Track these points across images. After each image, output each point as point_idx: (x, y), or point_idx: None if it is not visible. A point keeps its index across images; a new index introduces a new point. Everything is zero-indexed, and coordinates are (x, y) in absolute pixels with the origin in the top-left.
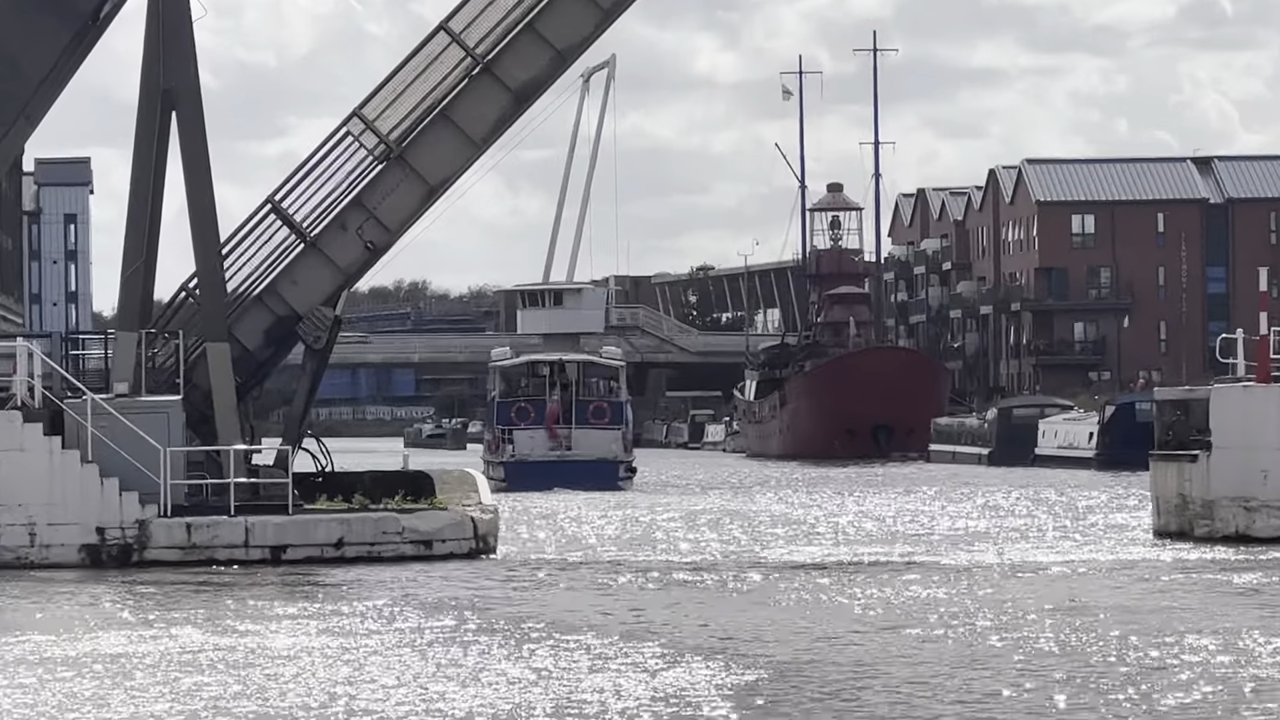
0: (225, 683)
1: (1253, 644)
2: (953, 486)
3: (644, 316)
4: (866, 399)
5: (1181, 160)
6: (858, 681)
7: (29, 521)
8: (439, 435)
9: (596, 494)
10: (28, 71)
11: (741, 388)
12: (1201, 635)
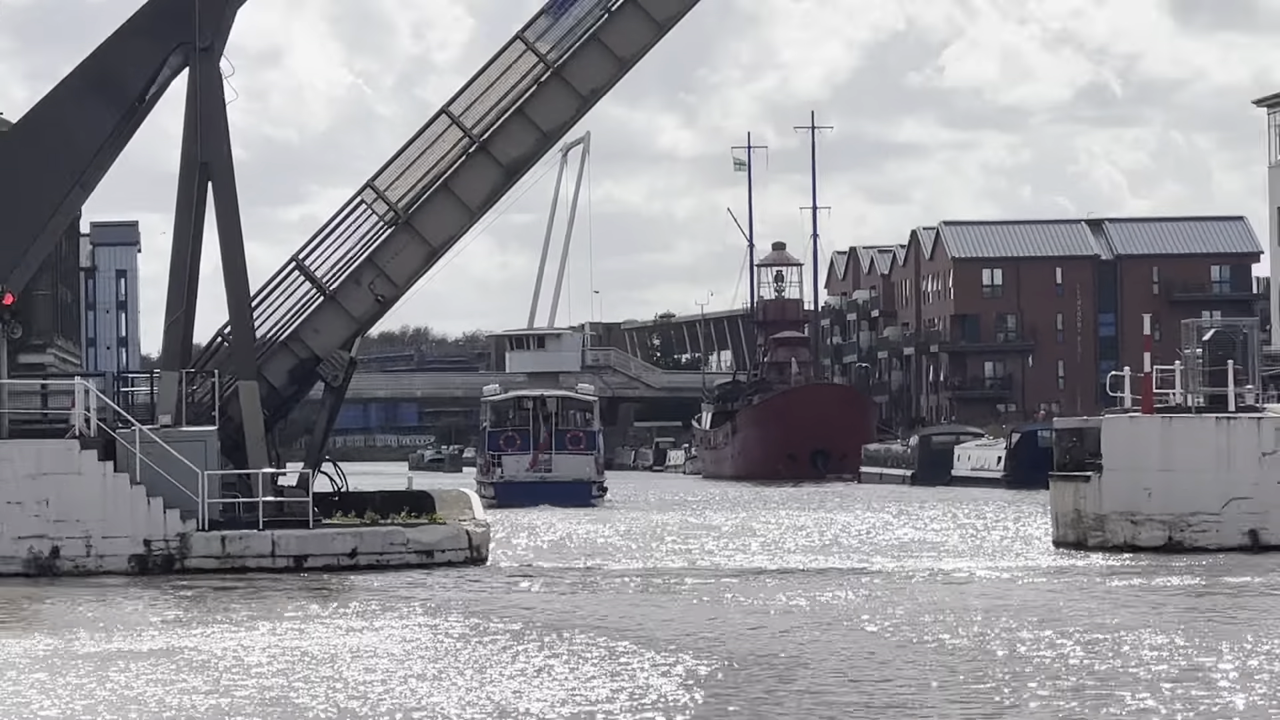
0: (262, 671)
1: (1133, 637)
2: (881, 504)
3: (615, 357)
4: (806, 428)
5: (1077, 222)
6: (799, 670)
7: (85, 535)
8: (439, 460)
9: (573, 510)
10: (83, 145)
11: (699, 418)
12: (1090, 630)
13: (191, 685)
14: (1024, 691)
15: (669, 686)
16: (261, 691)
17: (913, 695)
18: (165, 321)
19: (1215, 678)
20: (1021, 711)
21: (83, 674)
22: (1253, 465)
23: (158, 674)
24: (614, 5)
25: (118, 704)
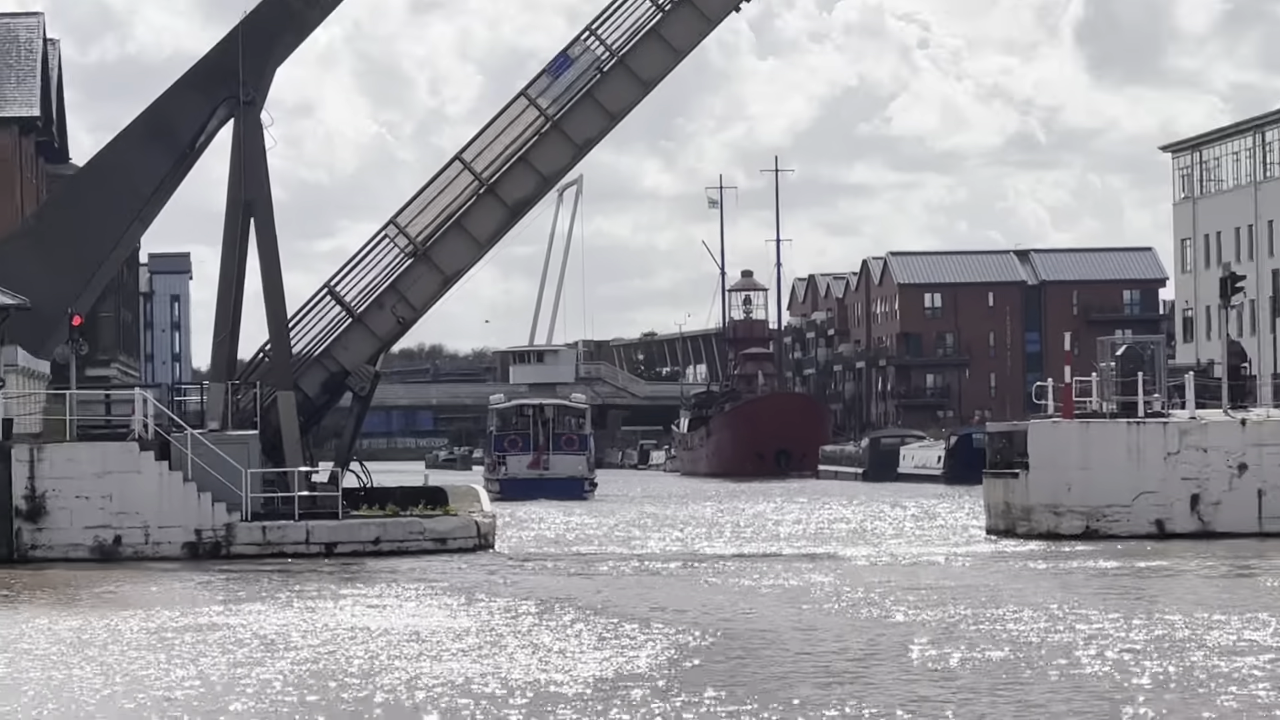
0: (298, 642)
1: (1054, 609)
2: (837, 498)
3: (604, 370)
4: (771, 431)
5: (1006, 252)
6: (764, 642)
7: (144, 525)
8: (451, 460)
9: (568, 503)
10: (141, 186)
11: (677, 423)
12: (1020, 606)
13: (239, 654)
14: (961, 658)
15: (652, 655)
16: (298, 659)
17: (864, 665)
18: (213, 340)
19: (1126, 644)
20: (959, 675)
21: (144, 645)
22: (1159, 464)
23: (208, 644)
24: (606, 67)
25: (177, 668)
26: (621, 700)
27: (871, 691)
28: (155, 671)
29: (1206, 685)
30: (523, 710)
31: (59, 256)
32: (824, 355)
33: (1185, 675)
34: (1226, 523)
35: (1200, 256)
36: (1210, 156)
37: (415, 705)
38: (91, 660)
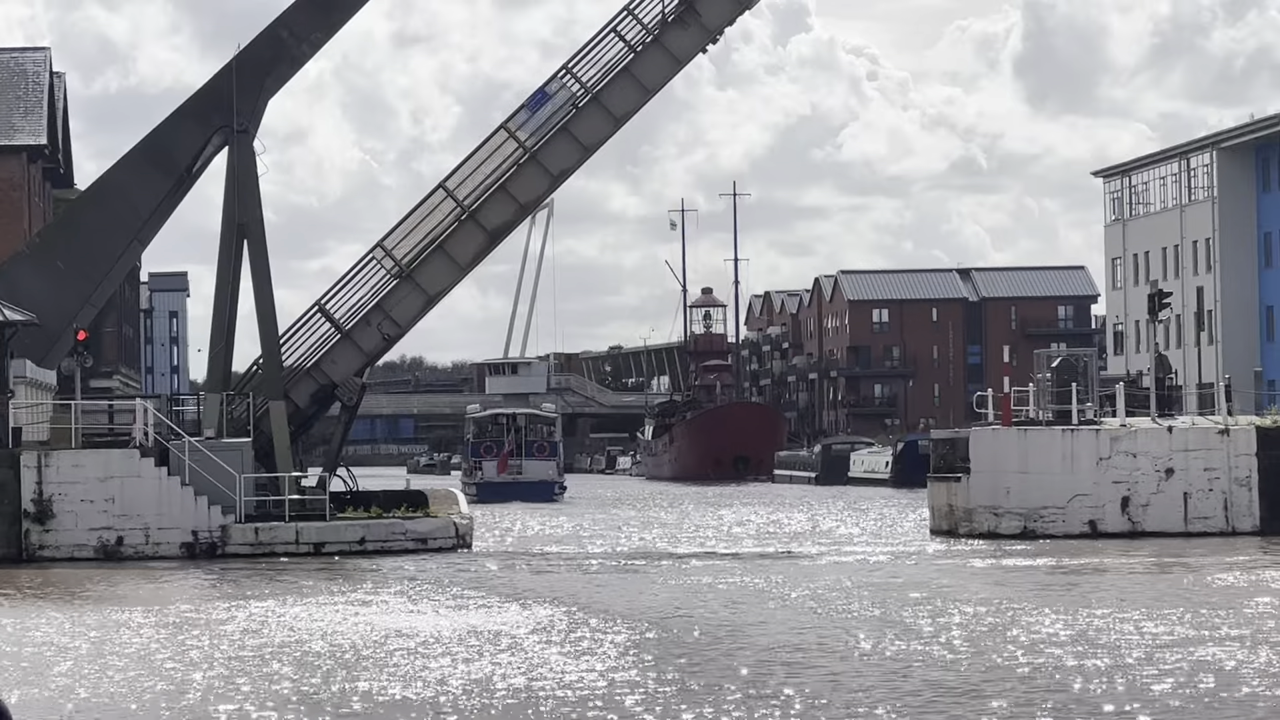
0: (288, 629)
1: (996, 603)
2: (791, 501)
3: (574, 381)
4: (729, 438)
5: (949, 271)
6: (721, 634)
7: (145, 526)
8: (431, 465)
9: (539, 504)
10: (140, 208)
11: (642, 430)
12: (962, 600)
13: (231, 643)
14: (907, 646)
15: (618, 644)
16: (288, 644)
17: (818, 655)
18: (209, 353)
19: (1058, 632)
20: (903, 662)
21: (146, 635)
22: (1091, 468)
23: (204, 634)
24: (581, 103)
25: (175, 656)
26: (588, 686)
27: (817, 678)
28: (158, 658)
29: (1125, 673)
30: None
31: (63, 274)
32: (779, 367)
33: (1108, 665)
34: (1155, 523)
35: (1129, 275)
36: (1139, 181)
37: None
38: (99, 649)
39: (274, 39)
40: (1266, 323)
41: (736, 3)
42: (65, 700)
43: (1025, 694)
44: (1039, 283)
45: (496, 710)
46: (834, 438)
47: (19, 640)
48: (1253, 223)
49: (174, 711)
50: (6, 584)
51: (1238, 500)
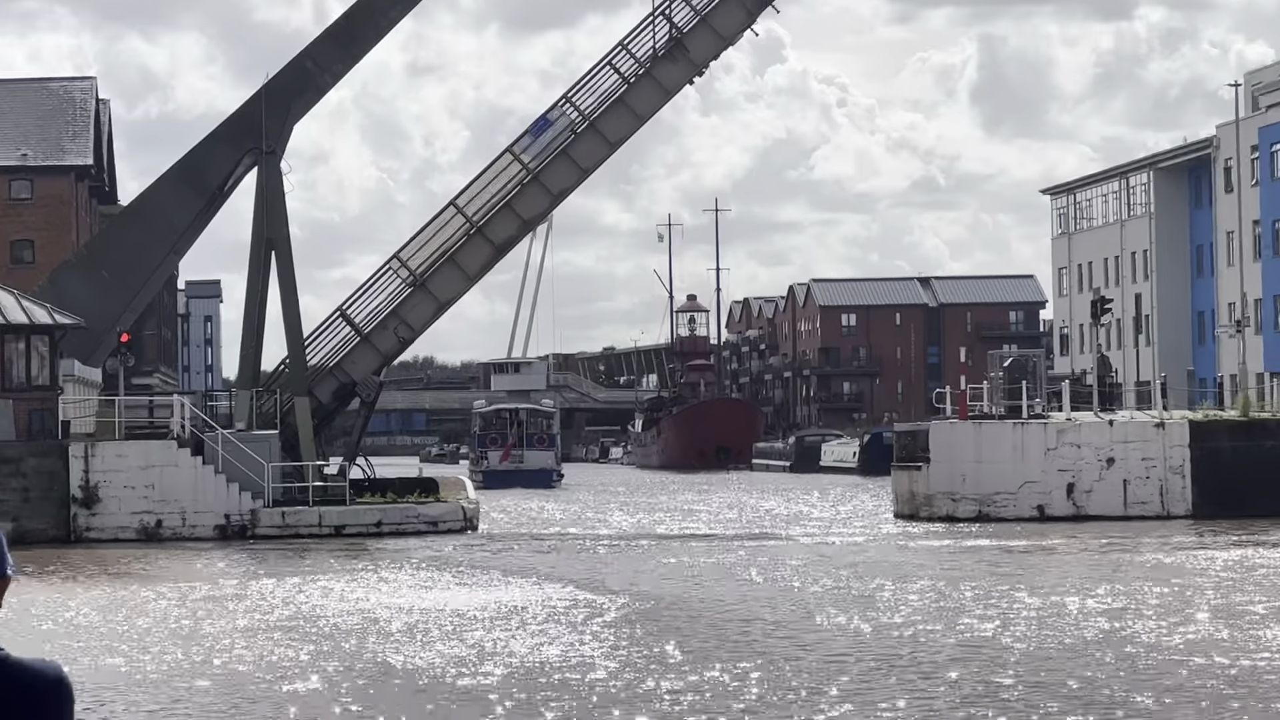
0: (319, 602)
1: (954, 579)
2: (768, 488)
3: (571, 379)
4: (712, 430)
5: (911, 279)
6: (705, 608)
7: (181, 511)
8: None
9: (539, 490)
10: (177, 222)
11: (633, 423)
12: (923, 576)
13: (256, 614)
14: (875, 619)
15: (612, 616)
16: (310, 616)
17: (793, 626)
18: (240, 354)
19: (1012, 604)
20: (870, 634)
21: (184, 607)
22: (1040, 457)
23: (235, 607)
24: (579, 129)
25: (209, 627)
26: (589, 651)
27: (789, 646)
28: (192, 629)
29: (1059, 639)
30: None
31: (106, 282)
32: (756, 366)
33: (1050, 633)
34: (1097, 507)
35: (1074, 283)
36: (1083, 198)
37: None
38: (142, 617)
39: (300, 69)
40: (1198, 327)
41: (721, 39)
42: (105, 664)
43: (970, 658)
44: (992, 290)
45: (505, 674)
46: (806, 430)
47: (66, 611)
48: (1186, 236)
49: (207, 676)
50: (56, 562)
51: (1172, 487)
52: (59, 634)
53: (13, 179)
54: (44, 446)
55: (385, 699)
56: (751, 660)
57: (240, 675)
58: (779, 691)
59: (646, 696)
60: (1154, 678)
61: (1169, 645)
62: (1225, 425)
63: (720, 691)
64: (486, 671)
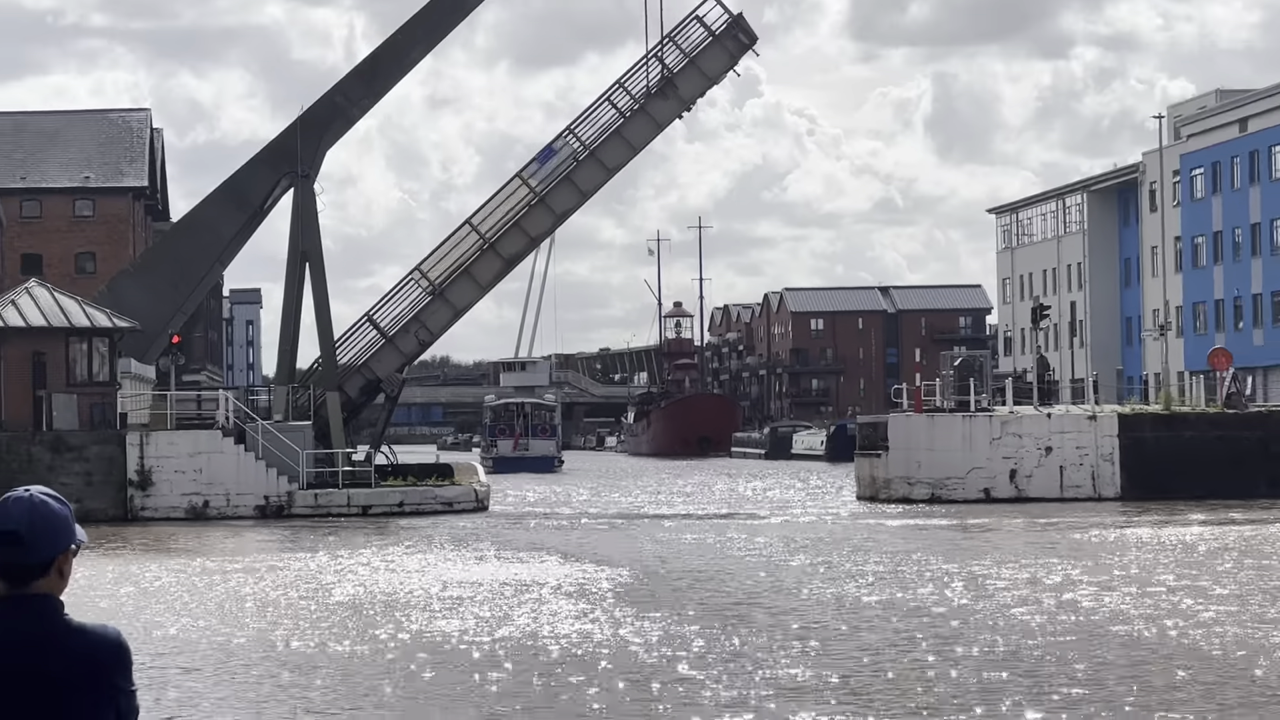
0: (343, 573)
1: (909, 553)
2: (745, 473)
3: (571, 376)
4: (695, 422)
5: (872, 289)
6: (694, 579)
7: (226, 492)
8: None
9: (542, 474)
10: (223, 235)
11: (626, 415)
12: (883, 551)
13: (295, 585)
14: (838, 587)
15: (616, 585)
16: (340, 583)
17: (769, 593)
18: (278, 354)
19: (962, 576)
20: (834, 599)
21: (229, 578)
22: (986, 446)
23: (273, 578)
24: (581, 157)
25: (252, 593)
26: (590, 614)
27: (768, 610)
28: (237, 595)
29: (997, 603)
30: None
31: (159, 289)
32: (735, 365)
33: (989, 598)
34: (1037, 490)
35: (1016, 291)
36: (1024, 217)
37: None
38: (193, 585)
39: (331, 103)
40: (1126, 330)
41: (707, 78)
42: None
43: (919, 619)
44: (944, 298)
45: (514, 636)
46: (779, 422)
47: (127, 581)
48: (1115, 251)
49: (250, 637)
50: (115, 538)
51: (1103, 473)
52: (122, 601)
53: (77, 199)
54: (104, 435)
55: (410, 659)
56: (738, 620)
57: (280, 636)
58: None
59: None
60: (1074, 635)
61: (1092, 609)
62: (1150, 418)
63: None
64: (501, 636)
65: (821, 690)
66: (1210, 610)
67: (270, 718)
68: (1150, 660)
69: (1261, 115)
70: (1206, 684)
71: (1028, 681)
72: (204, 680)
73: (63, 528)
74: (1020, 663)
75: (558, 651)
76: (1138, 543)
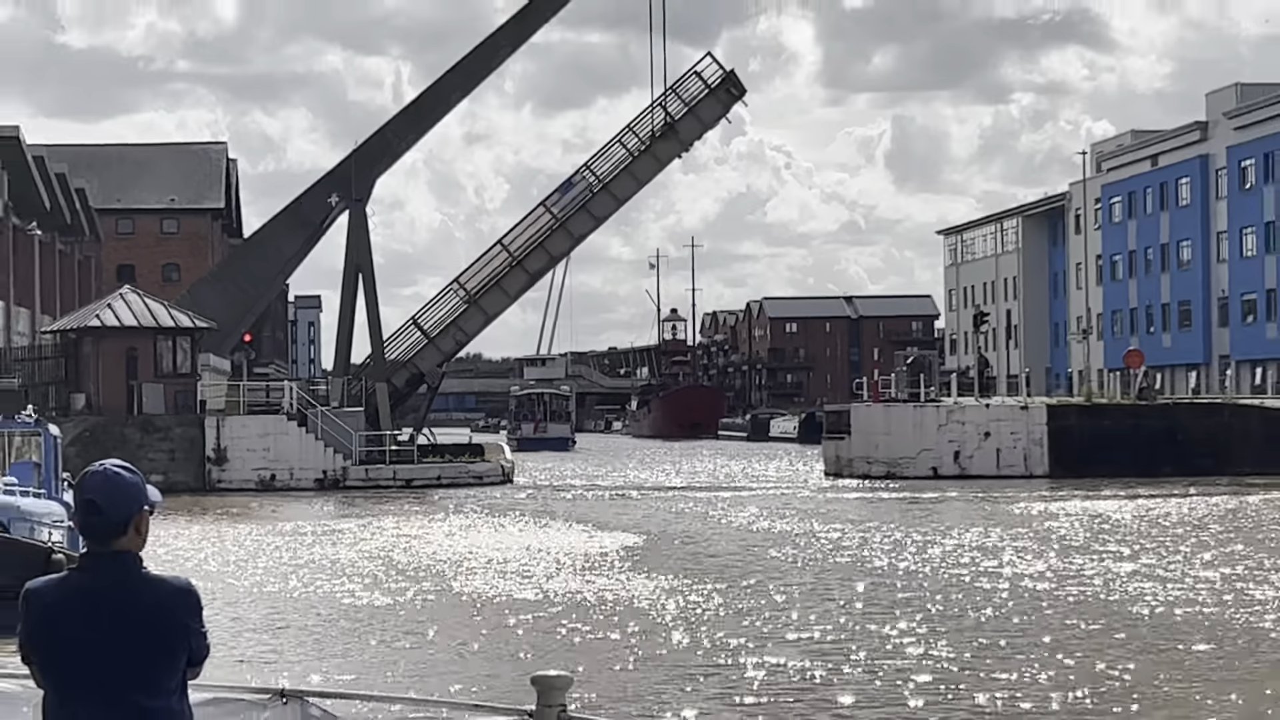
0: (394, 536)
1: (868, 523)
2: (731, 454)
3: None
4: (688, 410)
5: (839, 298)
6: (692, 543)
7: (290, 468)
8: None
9: (559, 453)
10: (286, 250)
11: (630, 404)
12: (845, 521)
13: (351, 546)
14: (807, 551)
15: (621, 546)
16: (389, 548)
17: (754, 556)
18: (335, 351)
19: (913, 542)
20: (802, 560)
21: (295, 540)
22: (934, 431)
23: (332, 540)
24: (595, 189)
25: (317, 554)
26: (601, 572)
27: (751, 570)
28: (304, 553)
29: (942, 565)
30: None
31: (231, 293)
32: (722, 362)
33: (936, 562)
34: (977, 469)
35: (961, 301)
36: (968, 237)
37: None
38: (266, 545)
39: (382, 139)
40: (1054, 334)
41: (702, 124)
42: (235, 576)
43: (877, 577)
44: (899, 306)
45: (537, 590)
46: (759, 410)
47: (211, 540)
48: (1045, 266)
49: (315, 588)
50: (196, 506)
51: (1033, 454)
52: (203, 558)
53: (164, 218)
54: (186, 419)
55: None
56: (728, 580)
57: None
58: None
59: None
60: (1004, 589)
61: (1029, 575)
62: (1074, 408)
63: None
64: (522, 586)
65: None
66: (1121, 566)
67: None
68: (1047, 605)
69: (1170, 152)
70: (1100, 626)
71: (951, 623)
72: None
73: (135, 493)
74: (953, 611)
75: (593, 597)
76: (1066, 513)
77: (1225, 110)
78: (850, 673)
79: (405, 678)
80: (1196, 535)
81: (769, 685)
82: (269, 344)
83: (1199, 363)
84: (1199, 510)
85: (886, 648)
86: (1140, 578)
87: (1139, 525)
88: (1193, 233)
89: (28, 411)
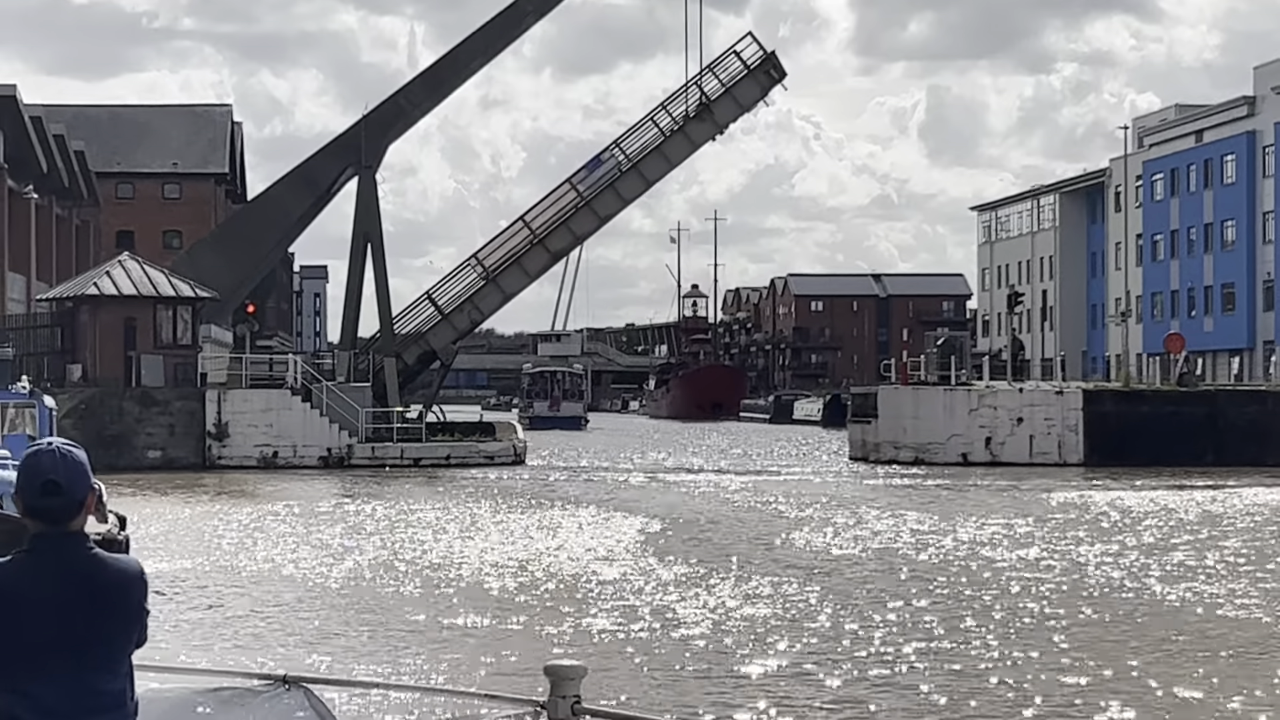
0: (391, 516)
1: (897, 508)
2: (752, 436)
3: (600, 348)
4: (708, 390)
5: (867, 275)
6: (709, 524)
7: (293, 444)
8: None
9: (572, 433)
10: (292, 214)
11: (647, 383)
12: (871, 506)
13: (347, 525)
14: (829, 535)
15: (636, 528)
16: (392, 525)
17: (773, 540)
18: (342, 323)
19: (942, 526)
20: (826, 544)
21: (297, 519)
22: (965, 416)
23: (333, 520)
24: (625, 168)
25: (314, 532)
26: (615, 555)
27: (774, 552)
28: (305, 531)
29: (973, 552)
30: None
31: (232, 256)
32: (744, 340)
33: (967, 549)
34: (1009, 456)
35: (994, 280)
36: (1003, 214)
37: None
38: (267, 525)
39: (395, 105)
40: (1091, 316)
41: (740, 106)
42: (237, 555)
43: (899, 564)
44: (930, 285)
45: (553, 571)
46: (782, 391)
47: (207, 518)
48: (1083, 245)
49: (315, 569)
50: (195, 485)
51: (1068, 441)
52: (202, 538)
53: (166, 183)
54: (186, 392)
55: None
56: (750, 562)
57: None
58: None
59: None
60: (1033, 572)
61: (1060, 559)
62: (1110, 393)
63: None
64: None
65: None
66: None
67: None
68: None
69: (1215, 128)
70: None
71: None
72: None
73: (88, 472)
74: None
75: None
76: (1101, 502)
77: (1274, 85)
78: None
79: (415, 667)
80: (1263, 530)
81: (786, 676)
82: (273, 315)
83: (1242, 348)
84: (1241, 502)
85: (945, 647)
86: (1186, 576)
87: (1183, 517)
88: (1237, 212)
89: (22, 382)
